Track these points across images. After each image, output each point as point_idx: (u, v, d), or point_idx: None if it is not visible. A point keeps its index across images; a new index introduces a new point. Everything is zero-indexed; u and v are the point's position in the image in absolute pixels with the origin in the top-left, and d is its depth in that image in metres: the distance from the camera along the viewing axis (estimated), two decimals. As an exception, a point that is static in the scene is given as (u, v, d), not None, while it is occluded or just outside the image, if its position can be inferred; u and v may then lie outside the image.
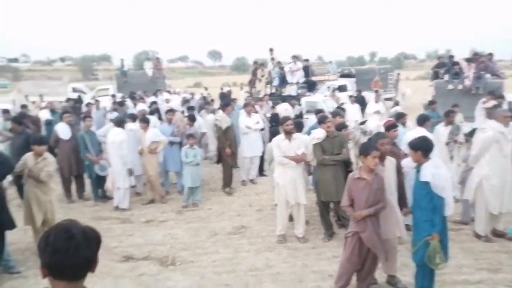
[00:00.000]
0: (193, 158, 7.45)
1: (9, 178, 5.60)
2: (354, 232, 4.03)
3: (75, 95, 18.97)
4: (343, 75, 22.55)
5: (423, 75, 49.63)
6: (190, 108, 10.16)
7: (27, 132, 7.67)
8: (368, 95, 15.19)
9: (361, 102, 14.13)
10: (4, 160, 4.50)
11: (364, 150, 4.05)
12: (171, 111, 9.00)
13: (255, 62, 18.77)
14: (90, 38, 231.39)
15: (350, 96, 14.22)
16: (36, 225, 5.46)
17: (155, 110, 11.70)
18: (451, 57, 16.35)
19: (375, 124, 8.44)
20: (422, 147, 3.98)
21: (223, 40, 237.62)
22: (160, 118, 10.31)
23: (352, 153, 6.14)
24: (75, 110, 12.07)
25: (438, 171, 3.88)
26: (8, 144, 8.19)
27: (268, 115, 10.61)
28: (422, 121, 6.21)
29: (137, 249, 5.73)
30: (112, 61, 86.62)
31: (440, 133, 6.95)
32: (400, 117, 7.22)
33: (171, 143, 8.15)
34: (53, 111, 10.69)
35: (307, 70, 17.25)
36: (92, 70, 78.47)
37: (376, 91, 14.22)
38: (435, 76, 16.13)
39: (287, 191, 5.77)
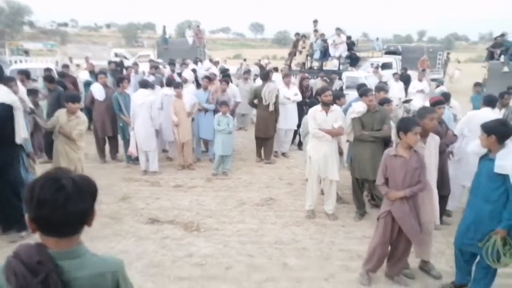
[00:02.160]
0: (226, 126, 7.29)
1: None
2: (387, 213, 3.72)
3: (117, 60, 19.24)
4: (388, 52, 21.46)
5: (474, 57, 46.83)
6: (226, 76, 9.97)
7: (59, 90, 7.76)
8: (414, 74, 14.42)
9: (406, 81, 13.40)
10: None
11: (405, 126, 3.63)
12: (207, 78, 8.82)
13: (297, 34, 18.15)
14: (136, 7, 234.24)
15: (394, 74, 13.51)
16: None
17: (194, 78, 11.70)
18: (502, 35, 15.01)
19: (420, 103, 7.94)
20: (498, 132, 3.36)
21: (266, 13, 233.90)
22: (198, 85, 10.23)
23: (394, 131, 5.74)
24: (115, 73, 12.20)
25: None
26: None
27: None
28: (489, 101, 5.69)
29: (163, 213, 5.70)
30: (156, 29, 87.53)
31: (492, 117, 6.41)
32: (445, 97, 6.72)
33: (205, 110, 8.03)
34: (92, 73, 10.79)
35: (351, 45, 16.52)
36: (136, 37, 79.76)
37: (423, 70, 13.45)
38: (490, 57, 15.02)
39: (319, 165, 5.50)
